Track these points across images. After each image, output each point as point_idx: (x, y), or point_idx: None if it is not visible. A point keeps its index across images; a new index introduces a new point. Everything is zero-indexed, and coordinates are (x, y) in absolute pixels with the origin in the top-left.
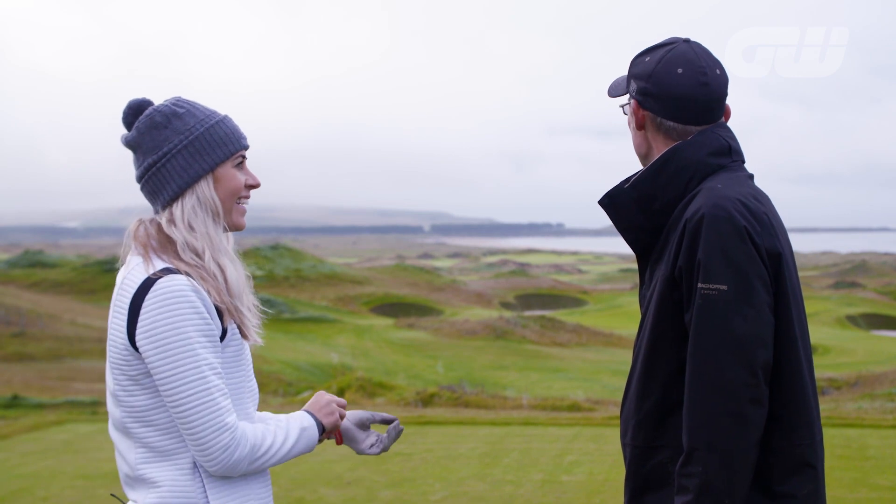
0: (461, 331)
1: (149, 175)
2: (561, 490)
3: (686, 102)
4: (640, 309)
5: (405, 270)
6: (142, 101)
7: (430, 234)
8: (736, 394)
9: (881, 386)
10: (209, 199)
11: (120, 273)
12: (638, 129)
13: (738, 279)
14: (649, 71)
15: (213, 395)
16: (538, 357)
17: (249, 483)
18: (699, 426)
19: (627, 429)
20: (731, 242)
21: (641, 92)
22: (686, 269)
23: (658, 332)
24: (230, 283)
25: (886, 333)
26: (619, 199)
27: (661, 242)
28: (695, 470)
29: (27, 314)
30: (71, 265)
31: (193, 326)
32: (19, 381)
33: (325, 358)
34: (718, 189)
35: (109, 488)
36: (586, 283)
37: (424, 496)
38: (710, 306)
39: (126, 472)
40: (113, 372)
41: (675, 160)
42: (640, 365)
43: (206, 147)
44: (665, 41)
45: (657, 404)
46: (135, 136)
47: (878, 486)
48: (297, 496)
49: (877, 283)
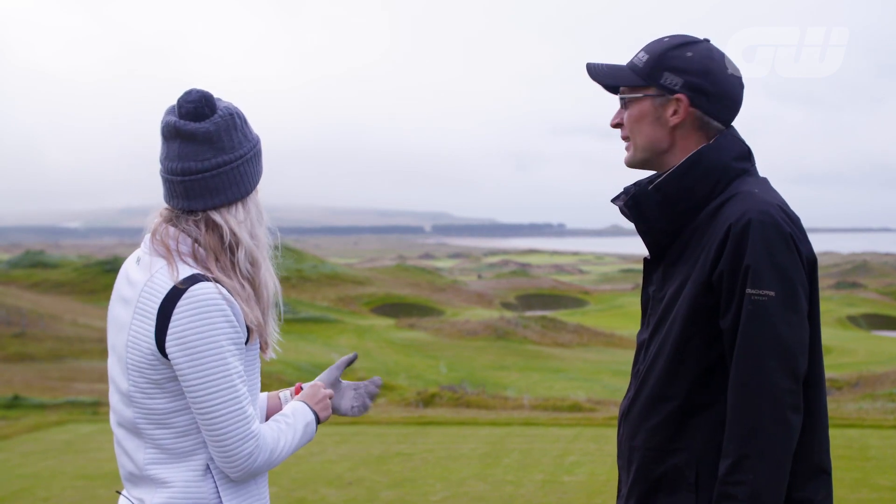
0: (462, 331)
1: (218, 171)
2: (562, 490)
3: (734, 103)
4: (641, 309)
5: (406, 271)
6: (209, 92)
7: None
8: (781, 401)
9: (882, 386)
10: (262, 209)
11: (138, 271)
12: (674, 125)
13: (785, 286)
14: (704, 68)
15: (241, 404)
16: (539, 357)
17: (258, 482)
18: (749, 433)
19: (638, 432)
20: (779, 249)
21: (694, 88)
22: (729, 273)
23: (686, 336)
24: (270, 295)
25: (887, 334)
26: (642, 201)
27: (679, 245)
28: (745, 478)
29: (28, 314)
30: (72, 265)
31: (225, 335)
32: (20, 382)
33: (327, 358)
34: (758, 195)
35: (111, 488)
36: (587, 284)
37: (425, 496)
38: (759, 312)
39: (131, 470)
40: (130, 373)
41: (701, 163)
42: (661, 368)
43: (261, 160)
44: (691, 38)
45: (679, 408)
46: (213, 130)
47: (879, 486)
48: (298, 496)
49: (878, 284)
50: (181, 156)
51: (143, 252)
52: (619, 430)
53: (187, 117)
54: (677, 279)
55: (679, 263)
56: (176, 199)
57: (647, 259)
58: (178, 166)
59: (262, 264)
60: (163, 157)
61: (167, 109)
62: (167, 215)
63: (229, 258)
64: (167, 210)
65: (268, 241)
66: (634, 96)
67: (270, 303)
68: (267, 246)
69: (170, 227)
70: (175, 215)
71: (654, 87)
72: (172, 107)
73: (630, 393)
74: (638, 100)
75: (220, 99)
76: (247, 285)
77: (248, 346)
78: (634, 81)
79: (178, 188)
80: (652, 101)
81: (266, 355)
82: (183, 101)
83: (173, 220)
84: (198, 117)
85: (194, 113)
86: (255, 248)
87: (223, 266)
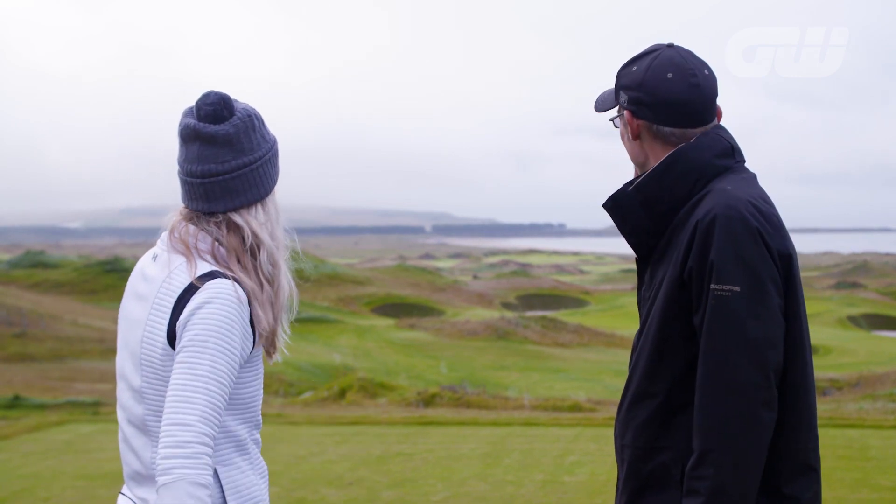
0: (462, 331)
1: (238, 174)
2: (562, 490)
3: (680, 106)
4: (638, 310)
5: (406, 271)
6: (227, 95)
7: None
8: (749, 396)
9: (882, 386)
10: (280, 210)
11: (155, 268)
12: (634, 139)
13: (751, 280)
14: (639, 80)
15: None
16: (539, 357)
17: (259, 485)
18: (712, 428)
19: (627, 430)
20: (744, 243)
21: (634, 101)
22: (697, 269)
23: (664, 334)
24: (285, 298)
25: (888, 334)
26: (623, 202)
27: (663, 244)
28: (707, 472)
29: (28, 314)
30: (72, 265)
31: (225, 332)
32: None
33: (327, 358)
34: (729, 190)
35: (111, 489)
36: (588, 284)
37: (426, 496)
38: (723, 307)
39: (137, 469)
40: (144, 370)
41: (680, 163)
42: (644, 366)
43: (278, 159)
44: (649, 49)
45: (661, 406)
46: (232, 132)
47: (879, 486)
48: (299, 496)
49: (878, 284)
50: (201, 158)
51: (161, 249)
52: (615, 429)
53: (206, 119)
54: (660, 278)
55: (662, 262)
56: (196, 200)
57: (637, 259)
58: (198, 169)
59: (281, 265)
60: (182, 160)
61: (185, 111)
62: (187, 214)
63: (250, 259)
64: (186, 210)
65: (286, 241)
66: (614, 118)
67: (285, 305)
68: (284, 247)
69: (189, 225)
70: (196, 216)
71: (618, 106)
72: (190, 108)
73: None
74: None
75: (237, 100)
76: (266, 286)
77: (252, 351)
78: (609, 104)
79: (198, 190)
80: (622, 120)
81: (271, 359)
82: (202, 103)
83: (193, 219)
84: (217, 119)
85: (213, 115)
86: (275, 250)
87: (244, 266)
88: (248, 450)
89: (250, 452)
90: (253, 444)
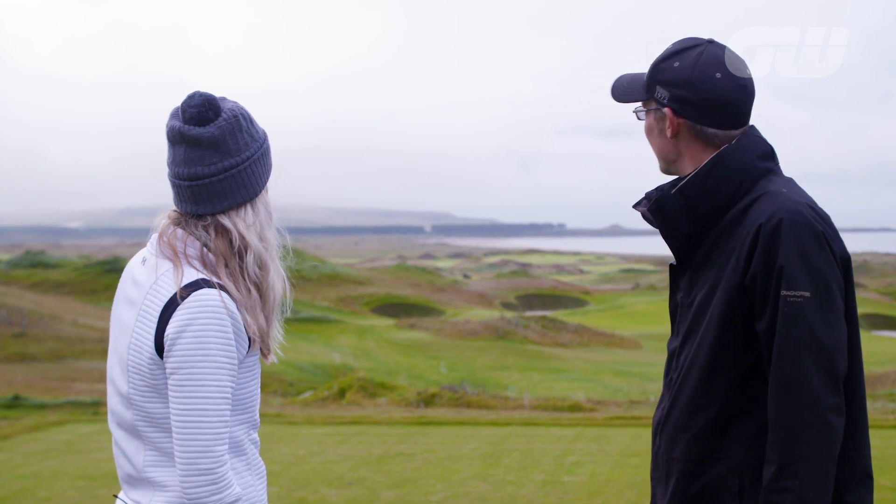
0: (462, 331)
1: (224, 176)
2: (562, 490)
3: (729, 108)
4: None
5: (407, 271)
6: (212, 95)
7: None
8: (821, 403)
9: (882, 386)
10: (271, 209)
11: (144, 273)
12: (671, 137)
13: (819, 285)
14: (685, 77)
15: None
16: (539, 357)
17: (255, 486)
18: (792, 439)
19: (677, 443)
20: (811, 248)
21: (677, 99)
22: (762, 275)
23: (721, 342)
24: (276, 298)
25: (888, 334)
26: (665, 205)
27: (705, 249)
28: (791, 485)
29: (29, 314)
30: (72, 265)
31: (218, 347)
32: (21, 382)
33: (327, 358)
34: (786, 194)
35: (111, 489)
36: (588, 284)
37: (426, 496)
38: (795, 314)
39: (129, 472)
40: (131, 376)
41: (723, 164)
42: (697, 376)
43: (269, 158)
44: (688, 43)
45: (717, 416)
46: (217, 134)
47: (880, 486)
48: (299, 496)
49: (878, 284)
50: (187, 161)
51: (150, 253)
52: (654, 443)
53: (191, 122)
54: (706, 284)
55: (706, 268)
56: (185, 203)
57: (673, 265)
58: (184, 171)
59: (270, 267)
60: (170, 162)
61: (171, 112)
62: (175, 217)
63: (238, 263)
64: (175, 213)
65: (277, 241)
66: (640, 110)
67: (276, 306)
68: (276, 247)
69: (178, 230)
70: (184, 218)
71: (653, 100)
72: (176, 110)
73: (664, 403)
74: (647, 112)
75: (224, 99)
76: (254, 291)
77: (247, 354)
78: (640, 96)
79: (186, 193)
80: (654, 115)
81: (267, 360)
82: (186, 105)
83: (182, 223)
84: (202, 122)
85: (198, 117)
86: (263, 252)
87: (232, 271)
88: (245, 450)
89: (247, 453)
90: (251, 445)
